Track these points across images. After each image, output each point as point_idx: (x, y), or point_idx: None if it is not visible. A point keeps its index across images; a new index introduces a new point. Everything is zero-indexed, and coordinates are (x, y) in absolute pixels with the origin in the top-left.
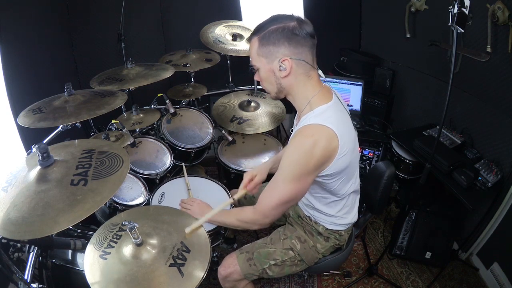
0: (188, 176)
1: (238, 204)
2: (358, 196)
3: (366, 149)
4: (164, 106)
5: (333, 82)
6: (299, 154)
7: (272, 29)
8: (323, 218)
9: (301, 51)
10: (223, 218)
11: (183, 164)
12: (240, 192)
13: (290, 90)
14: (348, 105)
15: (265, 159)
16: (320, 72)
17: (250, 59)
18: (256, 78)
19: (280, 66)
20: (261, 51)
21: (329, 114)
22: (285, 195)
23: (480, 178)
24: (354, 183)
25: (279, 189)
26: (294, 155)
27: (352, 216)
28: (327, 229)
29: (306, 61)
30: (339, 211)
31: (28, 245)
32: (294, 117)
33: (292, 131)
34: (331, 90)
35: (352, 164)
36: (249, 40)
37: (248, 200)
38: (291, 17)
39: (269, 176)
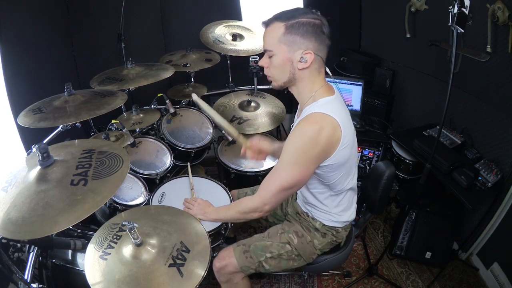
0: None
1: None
2: (356, 195)
3: (366, 149)
4: (164, 106)
5: (333, 82)
6: (303, 140)
7: (304, 21)
8: (320, 214)
9: (322, 49)
10: (224, 214)
11: (188, 164)
12: (244, 143)
13: (299, 82)
14: (348, 105)
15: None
16: (327, 69)
17: (265, 43)
18: (263, 63)
19: (301, 58)
20: (285, 38)
21: (332, 105)
22: (287, 181)
23: (480, 178)
24: (352, 180)
25: (281, 174)
26: (298, 141)
27: (349, 214)
28: (324, 225)
29: (322, 59)
30: (335, 207)
31: (28, 245)
32: (294, 117)
33: (292, 126)
34: (333, 86)
35: (351, 159)
36: (268, 24)
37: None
38: (316, 14)
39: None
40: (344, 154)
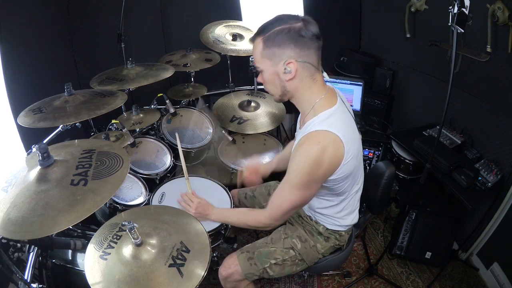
0: (189, 176)
1: (238, 204)
2: (359, 198)
3: (366, 149)
4: (164, 106)
5: (333, 82)
6: (306, 162)
7: (277, 30)
8: (323, 218)
9: (307, 53)
10: (228, 220)
11: (179, 144)
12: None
13: (294, 93)
14: None
15: (265, 159)
16: (324, 74)
17: (253, 60)
18: (259, 80)
19: (285, 68)
20: (265, 52)
21: (334, 119)
22: (295, 201)
23: (480, 178)
24: (358, 183)
25: (288, 196)
26: (302, 163)
27: (353, 217)
28: (327, 229)
29: (312, 64)
30: (339, 212)
31: (28, 245)
32: (297, 118)
33: (295, 134)
34: (335, 93)
35: (357, 167)
36: (252, 41)
37: (249, 200)
38: (296, 17)
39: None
40: (349, 166)
